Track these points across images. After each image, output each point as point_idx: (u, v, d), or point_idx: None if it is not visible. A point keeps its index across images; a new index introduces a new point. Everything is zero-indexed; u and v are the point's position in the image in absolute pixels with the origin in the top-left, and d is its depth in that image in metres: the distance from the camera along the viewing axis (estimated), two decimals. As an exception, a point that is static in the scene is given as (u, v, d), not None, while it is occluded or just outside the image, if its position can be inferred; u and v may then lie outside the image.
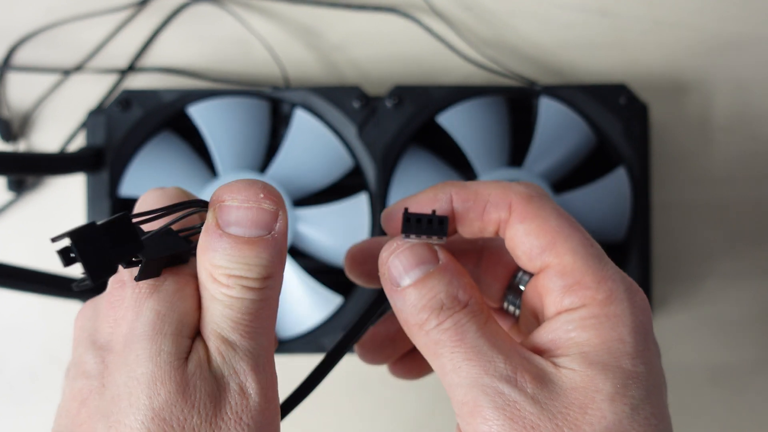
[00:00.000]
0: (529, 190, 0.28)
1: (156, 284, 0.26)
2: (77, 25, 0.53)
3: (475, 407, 0.25)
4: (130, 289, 0.26)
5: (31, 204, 0.52)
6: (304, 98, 0.47)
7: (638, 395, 0.25)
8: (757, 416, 0.52)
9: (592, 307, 0.26)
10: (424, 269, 0.27)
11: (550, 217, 0.27)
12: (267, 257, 0.25)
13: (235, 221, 0.25)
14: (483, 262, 0.33)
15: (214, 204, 0.26)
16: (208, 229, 0.25)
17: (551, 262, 0.27)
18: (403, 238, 0.27)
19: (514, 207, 0.27)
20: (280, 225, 0.25)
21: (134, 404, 0.24)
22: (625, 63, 0.53)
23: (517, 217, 0.27)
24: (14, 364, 0.52)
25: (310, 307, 0.47)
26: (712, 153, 0.53)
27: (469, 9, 0.53)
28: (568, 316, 0.26)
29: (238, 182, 0.26)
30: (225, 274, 0.25)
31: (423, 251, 0.27)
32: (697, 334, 0.52)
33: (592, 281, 0.26)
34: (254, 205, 0.25)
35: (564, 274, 0.26)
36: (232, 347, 0.25)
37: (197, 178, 0.47)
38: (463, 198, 0.28)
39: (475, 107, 0.47)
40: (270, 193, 0.25)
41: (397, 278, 0.27)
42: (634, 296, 0.26)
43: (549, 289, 0.27)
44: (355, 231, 0.47)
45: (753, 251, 0.52)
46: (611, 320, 0.26)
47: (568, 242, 0.26)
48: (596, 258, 0.27)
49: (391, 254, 0.27)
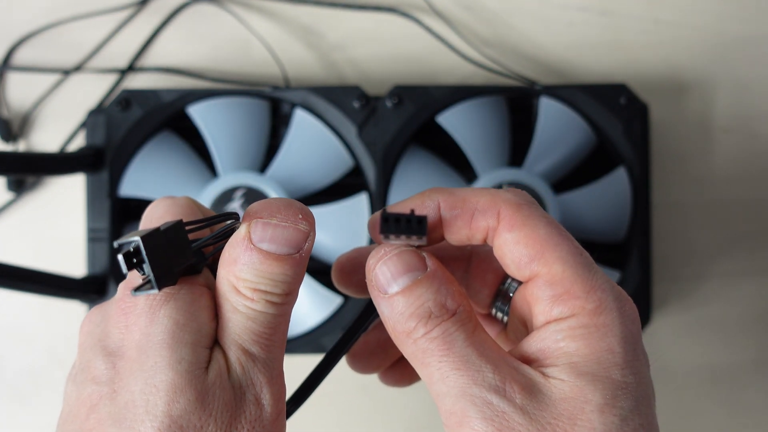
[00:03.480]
0: (517, 198, 0.28)
1: (171, 292, 0.26)
2: (77, 25, 0.53)
3: (463, 417, 0.25)
4: (143, 296, 0.26)
5: (31, 204, 0.52)
6: (304, 98, 0.47)
7: (627, 406, 0.25)
8: (757, 416, 0.52)
9: (581, 317, 0.26)
10: (412, 276, 0.26)
11: (539, 226, 0.27)
12: (292, 274, 0.26)
13: (270, 238, 0.25)
14: (472, 269, 0.32)
15: (251, 218, 0.26)
16: (239, 242, 0.26)
17: (540, 271, 0.26)
18: (383, 239, 0.27)
19: (502, 215, 0.27)
20: (308, 245, 0.26)
21: (151, 411, 0.24)
22: (625, 63, 0.53)
23: (506, 225, 0.27)
24: (14, 364, 0.52)
25: (310, 307, 0.47)
26: (712, 153, 0.53)
27: (469, 9, 0.53)
28: (557, 326, 0.26)
29: (277, 200, 0.26)
30: (250, 287, 0.25)
31: (411, 258, 0.27)
32: (697, 334, 0.52)
33: (581, 291, 0.26)
34: (292, 225, 0.26)
35: (553, 284, 0.26)
36: (252, 359, 0.26)
37: (197, 178, 0.47)
38: (450, 205, 0.28)
39: (475, 107, 0.47)
40: (307, 215, 0.26)
41: (384, 285, 0.27)
42: (623, 306, 0.26)
43: (538, 298, 0.27)
44: (355, 231, 0.47)
45: (753, 251, 0.52)
46: (600, 330, 0.25)
47: (557, 251, 0.26)
48: (585, 267, 0.26)
49: (379, 261, 0.27)
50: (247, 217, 0.26)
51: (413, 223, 0.27)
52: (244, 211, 0.41)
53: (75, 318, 0.51)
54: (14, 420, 0.52)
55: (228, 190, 0.46)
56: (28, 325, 0.52)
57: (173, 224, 0.25)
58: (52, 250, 0.52)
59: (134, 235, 0.24)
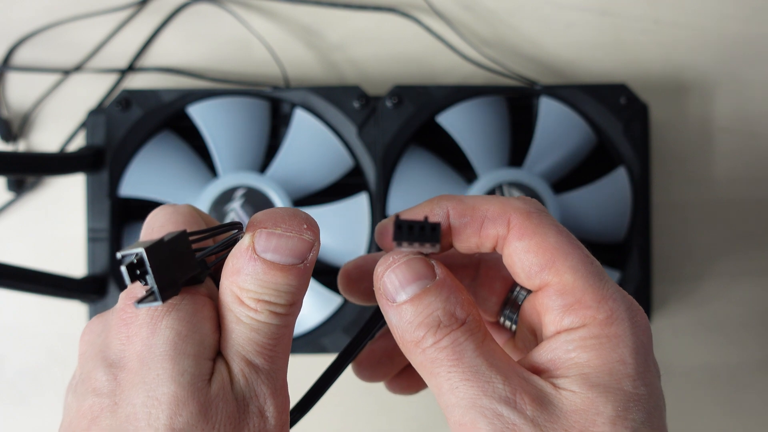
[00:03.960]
0: (528, 206, 0.27)
1: (173, 303, 0.26)
2: (77, 25, 0.53)
3: (472, 429, 0.25)
4: (145, 307, 0.25)
5: (31, 204, 0.52)
6: (304, 98, 0.47)
7: (639, 418, 0.25)
8: (757, 416, 0.52)
9: (592, 327, 0.25)
10: (421, 284, 0.26)
11: (550, 234, 0.27)
12: (296, 285, 0.25)
13: (274, 248, 0.25)
14: (480, 276, 0.32)
15: (254, 228, 0.26)
16: (242, 252, 0.25)
17: (551, 280, 0.26)
18: (395, 246, 0.27)
19: (512, 223, 0.27)
20: (312, 255, 0.26)
21: (153, 425, 0.24)
22: (625, 63, 0.53)
23: (516, 233, 0.27)
24: (15, 364, 0.52)
25: (310, 307, 0.47)
26: (712, 153, 0.53)
27: (469, 9, 0.53)
28: (567, 336, 0.26)
29: (282, 210, 0.26)
30: (253, 298, 0.25)
31: (420, 265, 0.27)
32: (697, 334, 0.52)
33: (593, 300, 0.26)
34: (296, 235, 0.25)
35: (564, 293, 0.26)
36: (256, 370, 0.25)
37: (197, 178, 0.47)
38: (460, 213, 0.28)
39: (475, 107, 0.47)
40: (311, 225, 0.26)
41: (392, 293, 0.26)
42: (635, 316, 0.26)
43: (548, 308, 0.26)
44: (355, 231, 0.47)
45: (753, 251, 0.52)
46: (612, 341, 0.25)
47: (568, 260, 0.26)
48: (596, 276, 0.26)
49: (387, 268, 0.27)
50: (250, 226, 0.26)
51: (427, 231, 0.26)
52: (243, 211, 0.41)
53: (75, 318, 0.51)
54: (14, 420, 0.52)
55: (228, 190, 0.46)
56: (28, 325, 0.52)
57: (177, 235, 0.25)
58: (52, 250, 0.52)
59: (137, 246, 0.24)
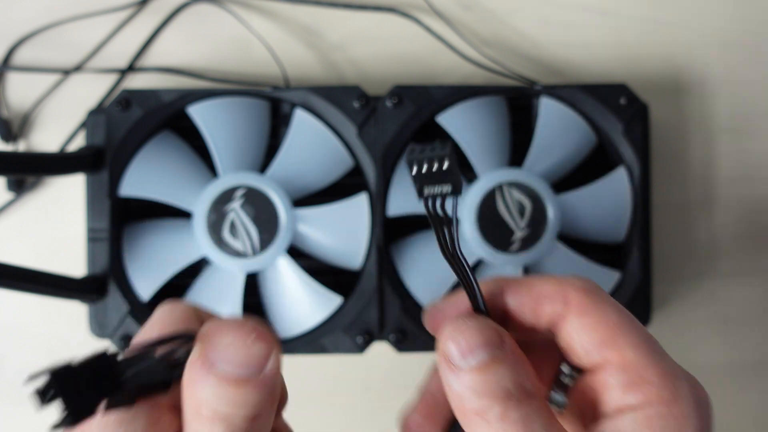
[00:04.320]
0: (585, 285, 0.27)
1: (124, 417, 0.24)
2: (77, 25, 0.53)
3: None
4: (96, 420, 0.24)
5: (31, 204, 0.52)
6: (304, 98, 0.47)
7: None
8: (757, 416, 0.52)
9: (658, 406, 0.25)
10: (490, 353, 0.25)
11: (609, 312, 0.26)
12: (255, 398, 0.23)
13: (222, 359, 0.24)
14: (528, 357, 0.32)
15: (202, 339, 0.24)
16: (194, 364, 0.24)
17: (611, 356, 0.26)
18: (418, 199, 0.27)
19: (572, 301, 0.27)
20: (271, 365, 0.24)
21: None
22: (625, 63, 0.53)
23: (575, 310, 0.26)
24: (15, 364, 0.52)
25: (310, 307, 0.47)
26: (712, 153, 0.53)
27: (469, 9, 0.53)
28: (633, 415, 0.25)
29: (228, 322, 0.24)
30: (211, 410, 0.23)
31: (490, 333, 0.26)
32: (697, 334, 0.52)
33: (655, 376, 0.25)
34: (244, 346, 0.23)
35: (626, 370, 0.25)
36: None
37: (197, 178, 0.47)
38: (515, 291, 0.27)
39: (475, 107, 0.47)
40: (261, 334, 0.24)
41: (458, 357, 0.25)
42: (698, 393, 0.26)
43: (609, 385, 0.26)
44: (355, 231, 0.47)
45: (753, 251, 0.52)
46: (678, 421, 0.25)
47: (629, 337, 0.26)
48: (658, 353, 0.26)
49: (455, 330, 0.26)
50: (199, 336, 0.24)
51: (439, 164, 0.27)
52: (243, 211, 0.41)
53: (75, 318, 0.51)
54: (14, 420, 0.52)
55: (228, 190, 0.46)
56: (28, 325, 0.52)
57: (92, 357, 0.23)
58: (52, 250, 0.52)
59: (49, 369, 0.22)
